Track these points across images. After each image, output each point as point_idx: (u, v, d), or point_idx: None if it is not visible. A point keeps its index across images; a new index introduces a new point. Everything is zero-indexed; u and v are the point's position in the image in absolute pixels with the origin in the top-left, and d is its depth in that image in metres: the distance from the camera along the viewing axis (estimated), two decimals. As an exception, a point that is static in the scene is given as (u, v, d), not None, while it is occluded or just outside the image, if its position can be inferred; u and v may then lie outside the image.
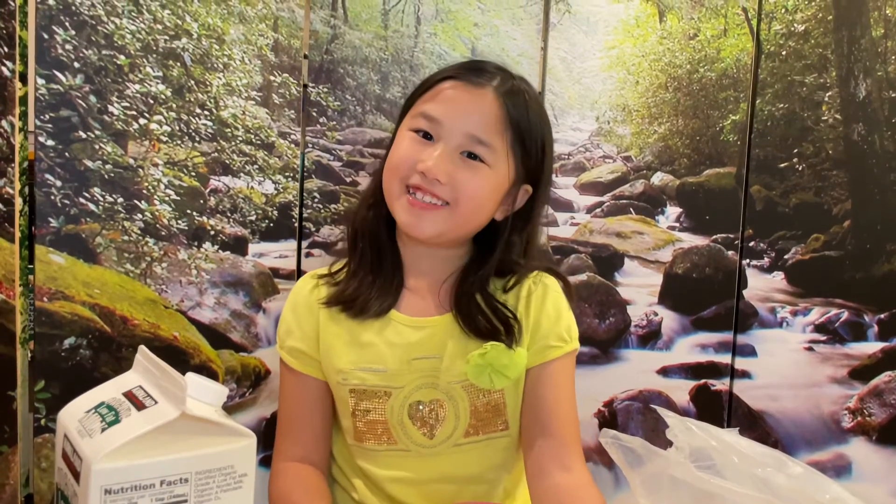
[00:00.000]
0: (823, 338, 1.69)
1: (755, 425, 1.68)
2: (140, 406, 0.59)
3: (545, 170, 0.97)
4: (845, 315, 1.69)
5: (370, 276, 0.96)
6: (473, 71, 0.93)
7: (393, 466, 0.95)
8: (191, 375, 0.59)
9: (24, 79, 1.28)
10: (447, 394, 0.95)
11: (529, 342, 0.96)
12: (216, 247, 1.44)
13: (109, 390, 0.62)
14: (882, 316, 1.69)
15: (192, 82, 1.39)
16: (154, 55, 1.36)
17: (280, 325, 1.00)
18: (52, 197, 1.31)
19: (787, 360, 1.69)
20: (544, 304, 0.98)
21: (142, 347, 0.64)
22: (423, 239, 0.94)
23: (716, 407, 1.68)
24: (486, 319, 0.94)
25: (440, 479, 0.96)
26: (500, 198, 0.95)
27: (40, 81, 1.28)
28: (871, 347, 1.69)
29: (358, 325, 0.95)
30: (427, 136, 0.92)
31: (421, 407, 0.95)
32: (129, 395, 0.60)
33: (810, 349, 1.70)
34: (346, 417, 0.96)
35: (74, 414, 0.60)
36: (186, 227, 1.41)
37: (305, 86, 1.49)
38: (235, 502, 0.59)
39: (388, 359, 0.94)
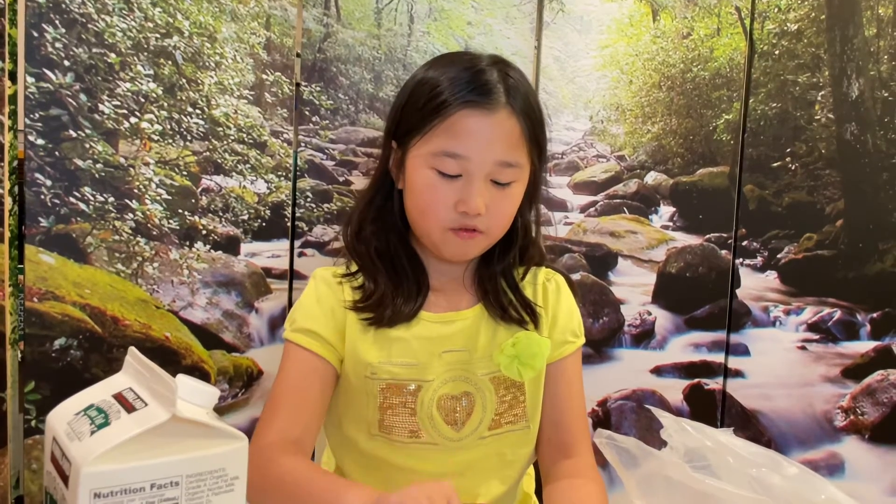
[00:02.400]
0: (816, 337, 1.70)
1: (748, 424, 1.68)
2: (130, 408, 0.58)
3: (545, 141, 0.97)
4: (838, 314, 1.69)
5: (392, 286, 0.96)
6: (479, 89, 0.90)
7: (418, 459, 0.95)
8: (181, 377, 0.58)
9: (13, 77, 1.27)
10: (476, 386, 0.96)
11: (549, 336, 0.99)
12: (208, 246, 1.43)
13: (99, 392, 0.61)
14: (874, 315, 1.70)
15: (184, 81, 1.38)
16: (145, 53, 1.34)
17: (296, 309, 0.97)
18: (42, 196, 1.30)
19: (781, 360, 1.70)
20: (559, 300, 1.01)
21: (132, 349, 0.64)
22: (467, 261, 0.97)
23: (709, 406, 1.68)
24: (512, 306, 0.97)
25: (462, 472, 0.96)
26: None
27: (30, 80, 1.27)
28: (864, 346, 1.70)
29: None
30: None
31: (450, 400, 0.95)
32: (119, 398, 0.59)
33: (803, 348, 1.70)
34: (371, 410, 0.95)
35: (63, 416, 0.59)
36: (178, 227, 1.40)
37: (298, 84, 1.48)
38: (227, 505, 0.58)
39: (419, 352, 0.95)
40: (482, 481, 0.97)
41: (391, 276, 0.96)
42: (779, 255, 1.68)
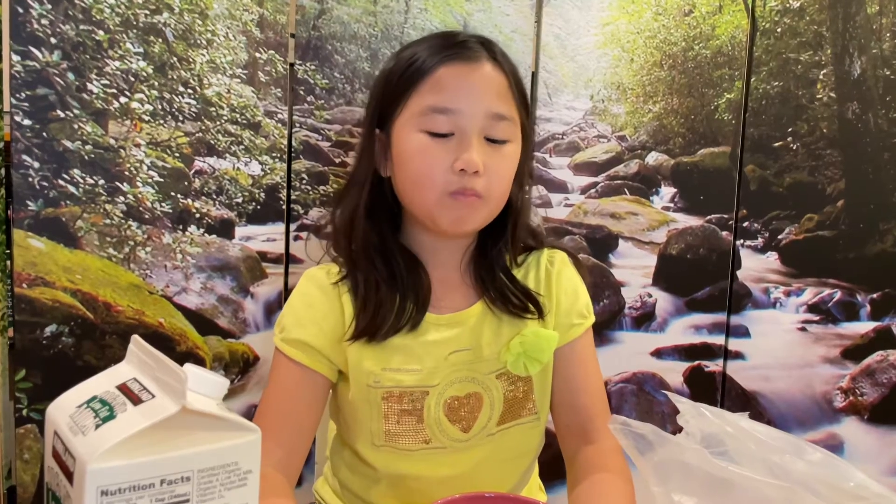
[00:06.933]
0: (816, 318, 1.69)
1: (748, 406, 1.67)
2: (136, 400, 0.55)
3: (528, 109, 0.93)
4: (838, 295, 1.69)
5: (394, 293, 0.90)
6: (457, 46, 0.87)
7: (427, 464, 0.92)
8: (189, 366, 0.55)
9: (-3, 55, 1.22)
10: (483, 385, 0.92)
11: (554, 323, 0.94)
12: (202, 230, 1.39)
13: (102, 383, 0.58)
14: (874, 295, 1.69)
15: (175, 59, 1.34)
16: (134, 30, 1.30)
17: (285, 315, 0.92)
18: (30, 179, 1.25)
19: (781, 341, 1.69)
20: (561, 282, 0.96)
21: (135, 337, 0.60)
22: (465, 233, 0.91)
23: (709, 388, 1.67)
24: (515, 297, 0.92)
25: (471, 471, 0.93)
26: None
27: (15, 58, 1.22)
28: (864, 327, 1.69)
29: None
30: (441, 132, 0.85)
31: (456, 402, 0.91)
32: (124, 389, 0.56)
33: (803, 329, 1.69)
34: (374, 421, 0.90)
35: (65, 409, 0.56)
36: (171, 210, 1.36)
37: (292, 64, 1.44)
38: (240, 501, 0.56)
39: (424, 357, 0.90)
40: (493, 476, 0.95)
41: (392, 279, 0.90)
42: (779, 236, 1.67)
